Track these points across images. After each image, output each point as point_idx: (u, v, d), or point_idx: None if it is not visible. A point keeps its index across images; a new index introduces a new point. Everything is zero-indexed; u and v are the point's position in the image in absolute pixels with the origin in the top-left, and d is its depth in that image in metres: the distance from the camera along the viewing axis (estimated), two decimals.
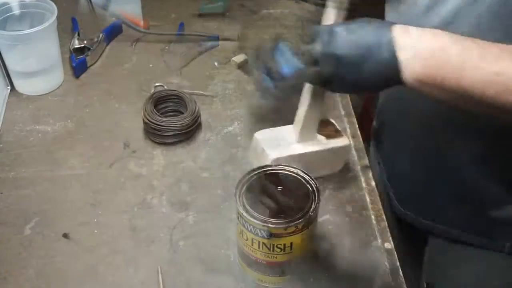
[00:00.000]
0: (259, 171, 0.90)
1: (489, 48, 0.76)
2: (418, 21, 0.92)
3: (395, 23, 0.81)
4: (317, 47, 0.82)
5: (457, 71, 0.76)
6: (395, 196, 1.16)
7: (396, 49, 0.78)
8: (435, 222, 1.10)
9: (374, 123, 1.22)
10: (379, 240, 0.97)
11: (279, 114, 1.17)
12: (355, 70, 0.81)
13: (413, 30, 0.79)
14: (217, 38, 1.36)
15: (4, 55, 1.20)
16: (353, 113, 1.20)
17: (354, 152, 1.11)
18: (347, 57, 0.80)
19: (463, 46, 0.77)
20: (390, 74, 0.79)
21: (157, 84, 1.23)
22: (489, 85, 0.75)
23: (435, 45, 0.78)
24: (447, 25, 0.89)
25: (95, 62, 1.30)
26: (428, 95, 0.81)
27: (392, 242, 0.97)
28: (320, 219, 0.99)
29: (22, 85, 1.23)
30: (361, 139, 1.14)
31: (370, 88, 0.83)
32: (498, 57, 0.75)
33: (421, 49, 0.78)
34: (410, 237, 1.20)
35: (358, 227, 0.99)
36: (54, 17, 1.17)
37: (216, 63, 1.30)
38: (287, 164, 0.91)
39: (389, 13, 1.03)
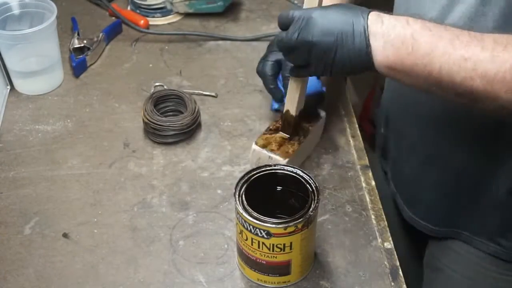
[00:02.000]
0: (259, 171, 0.90)
1: (460, 35, 0.77)
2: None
3: (373, 10, 0.83)
4: (293, 34, 0.84)
5: (427, 57, 0.77)
6: (404, 202, 1.15)
7: (368, 37, 0.80)
8: (442, 226, 1.10)
9: (381, 130, 1.21)
10: (379, 240, 0.97)
11: (280, 113, 1.17)
12: (328, 57, 0.83)
13: (386, 18, 0.81)
14: (216, 38, 1.36)
15: (4, 55, 1.20)
16: (353, 113, 1.20)
17: (354, 152, 1.11)
18: (320, 44, 0.83)
19: (434, 33, 0.78)
20: (362, 61, 0.82)
21: (157, 83, 1.23)
22: (457, 70, 0.76)
23: (406, 32, 0.79)
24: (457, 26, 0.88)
25: (95, 62, 1.30)
26: (400, 81, 0.82)
27: (392, 242, 0.97)
28: (320, 219, 0.99)
29: (22, 85, 1.23)
30: (361, 139, 1.14)
31: (344, 74, 0.85)
32: (467, 44, 0.76)
33: (392, 37, 0.79)
34: (413, 239, 1.20)
35: (358, 227, 0.99)
36: (54, 17, 1.17)
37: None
38: (286, 164, 0.91)
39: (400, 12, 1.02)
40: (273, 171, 0.90)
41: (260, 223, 0.83)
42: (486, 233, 1.04)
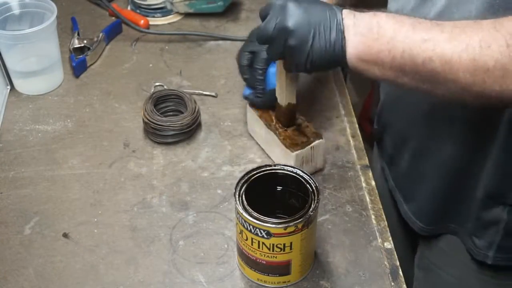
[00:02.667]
0: (259, 171, 0.90)
1: (423, 22, 0.80)
2: (414, 13, 0.94)
3: (344, 8, 0.85)
4: (271, 22, 0.86)
5: (391, 41, 0.80)
6: (401, 197, 1.15)
7: (343, 30, 0.83)
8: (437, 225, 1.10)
9: (375, 125, 1.22)
10: (379, 240, 0.97)
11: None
12: (305, 46, 0.84)
13: (357, 12, 0.84)
14: (216, 38, 1.36)
15: (4, 55, 1.20)
16: (353, 113, 1.20)
17: (354, 152, 1.11)
18: (297, 32, 0.84)
19: (397, 20, 0.81)
20: (337, 52, 0.84)
21: (157, 83, 1.23)
22: (417, 52, 0.78)
23: (372, 21, 0.82)
24: (441, 16, 0.91)
25: (95, 62, 1.30)
26: (370, 75, 0.84)
27: (392, 242, 0.97)
28: (320, 219, 0.99)
29: (22, 85, 1.23)
30: (361, 139, 1.14)
31: (320, 66, 0.87)
32: (428, 28, 0.79)
33: (361, 27, 0.82)
34: (410, 239, 1.21)
35: (358, 227, 0.99)
36: (54, 17, 1.17)
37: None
38: (287, 164, 0.91)
39: (391, 3, 1.04)
40: (273, 171, 0.90)
41: (260, 223, 0.83)
42: (467, 230, 1.05)
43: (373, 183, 1.06)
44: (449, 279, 1.11)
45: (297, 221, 0.83)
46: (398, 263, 0.94)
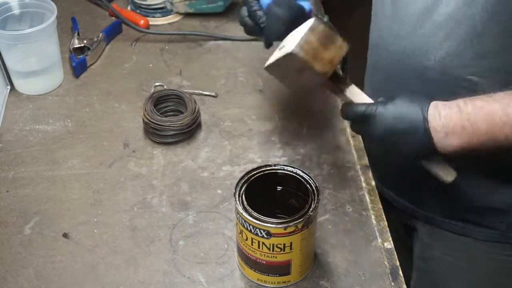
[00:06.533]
0: (259, 170, 0.90)
1: (509, 101, 0.85)
2: (413, 23, 0.96)
3: (428, 103, 0.88)
4: (357, 128, 0.94)
5: (489, 131, 0.86)
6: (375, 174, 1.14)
7: (429, 133, 0.87)
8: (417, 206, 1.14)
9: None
10: (379, 240, 0.97)
11: (281, 113, 1.17)
12: (391, 148, 0.91)
13: (442, 108, 0.87)
14: (216, 38, 1.36)
15: (4, 55, 1.20)
16: None
17: (354, 152, 1.11)
18: (383, 141, 0.90)
19: (486, 111, 0.86)
20: (426, 152, 0.89)
21: (157, 83, 1.23)
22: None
23: (462, 118, 0.86)
24: (443, 28, 0.93)
25: (95, 62, 1.30)
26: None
27: (392, 242, 0.97)
28: (320, 219, 0.99)
29: (22, 85, 1.23)
30: (361, 139, 1.14)
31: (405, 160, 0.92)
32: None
33: (451, 127, 0.86)
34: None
35: (358, 227, 0.99)
36: (54, 17, 1.17)
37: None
38: (287, 164, 0.91)
39: (383, 11, 1.04)
40: (273, 171, 0.90)
41: (260, 223, 0.83)
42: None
43: (373, 183, 1.06)
44: (457, 264, 1.13)
45: (297, 221, 0.83)
46: (398, 263, 0.94)
